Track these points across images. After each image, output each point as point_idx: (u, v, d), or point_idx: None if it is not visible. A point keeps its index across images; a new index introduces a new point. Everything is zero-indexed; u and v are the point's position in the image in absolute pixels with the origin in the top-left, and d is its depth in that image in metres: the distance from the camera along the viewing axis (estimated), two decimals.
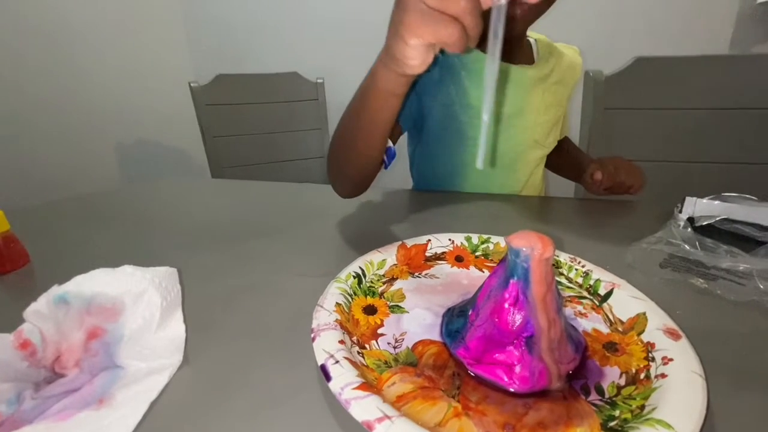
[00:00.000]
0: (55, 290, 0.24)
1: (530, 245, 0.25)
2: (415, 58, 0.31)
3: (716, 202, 0.46)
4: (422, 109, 0.65)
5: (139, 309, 0.26)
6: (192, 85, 1.25)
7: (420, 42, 0.30)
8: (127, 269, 0.26)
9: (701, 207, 0.46)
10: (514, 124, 0.64)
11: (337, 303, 0.30)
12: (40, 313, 0.23)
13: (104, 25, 1.65)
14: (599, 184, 0.58)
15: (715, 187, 0.50)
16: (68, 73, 1.58)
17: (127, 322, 0.26)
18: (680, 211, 0.47)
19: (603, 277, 0.34)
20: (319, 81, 1.40)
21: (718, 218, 0.45)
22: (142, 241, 0.49)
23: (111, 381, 0.24)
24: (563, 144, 0.79)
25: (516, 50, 0.65)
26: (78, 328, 0.25)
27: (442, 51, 0.65)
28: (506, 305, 0.25)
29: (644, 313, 0.29)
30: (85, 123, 1.65)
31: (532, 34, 0.69)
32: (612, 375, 0.25)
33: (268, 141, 1.40)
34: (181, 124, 1.63)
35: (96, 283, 0.25)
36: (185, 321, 0.29)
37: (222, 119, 1.31)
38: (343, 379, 0.22)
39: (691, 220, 0.46)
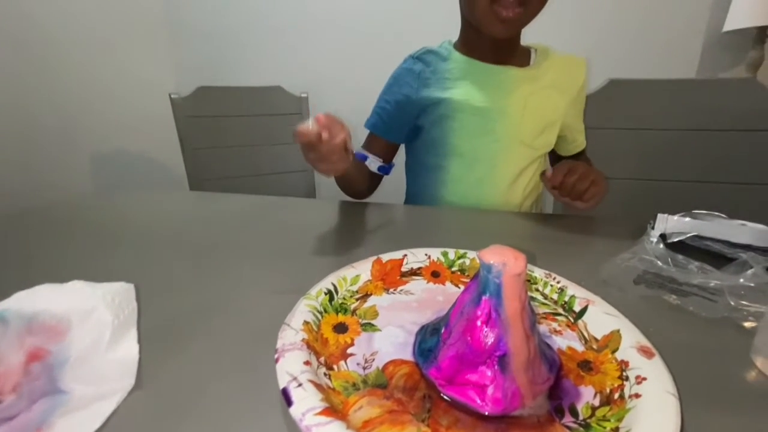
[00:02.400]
0: None
1: (502, 260, 0.24)
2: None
3: (687, 219, 0.47)
4: (414, 119, 0.71)
5: (88, 328, 0.24)
6: (172, 96, 1.23)
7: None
8: (76, 285, 0.24)
9: (672, 224, 0.47)
10: (495, 119, 0.66)
11: (305, 321, 0.28)
12: None
13: (85, 34, 1.63)
14: (548, 181, 0.58)
15: (685, 205, 0.51)
16: (46, 82, 1.54)
17: (74, 342, 0.24)
18: (653, 228, 0.48)
19: (578, 294, 0.33)
20: (303, 95, 1.40)
21: (689, 235, 0.45)
22: (106, 254, 0.47)
23: (52, 408, 0.22)
24: (576, 159, 0.78)
25: (506, 53, 0.67)
26: (17, 349, 0.22)
27: (422, 60, 0.68)
28: (478, 323, 0.25)
29: (618, 331, 0.29)
30: (61, 133, 1.60)
31: (534, 44, 0.71)
32: (587, 395, 0.25)
33: (249, 154, 1.38)
34: (162, 136, 1.60)
35: (39, 299, 0.23)
36: (140, 341, 0.27)
37: (203, 131, 1.29)
38: (306, 404, 0.21)
39: (663, 236, 0.47)
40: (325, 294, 0.33)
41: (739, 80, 1.22)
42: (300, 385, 0.22)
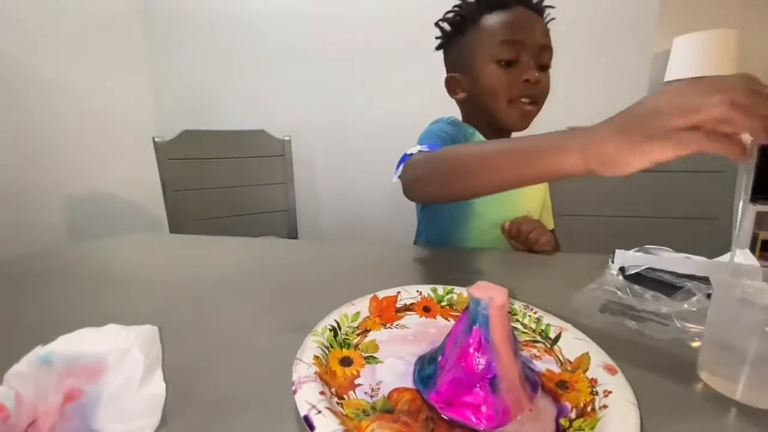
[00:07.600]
0: (39, 351, 0.24)
1: (488, 294, 0.29)
2: (638, 168, 0.31)
3: (640, 254, 0.54)
4: None
5: (123, 367, 0.26)
6: (156, 140, 1.26)
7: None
8: (113, 328, 0.27)
9: (629, 258, 0.53)
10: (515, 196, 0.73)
11: (315, 356, 0.31)
12: (21, 375, 0.23)
13: (69, 78, 1.64)
14: (506, 232, 0.70)
15: (635, 237, 0.58)
16: (20, 123, 1.53)
17: (108, 381, 0.26)
18: (613, 262, 0.54)
19: (552, 322, 0.38)
20: (286, 138, 1.46)
21: (643, 267, 0.52)
22: (115, 300, 0.48)
23: None
24: None
25: None
26: (56, 390, 0.24)
27: (454, 127, 0.71)
28: (471, 350, 0.29)
29: (587, 353, 0.33)
30: (36, 176, 1.57)
31: None
32: (564, 410, 0.29)
33: (231, 195, 1.41)
34: (142, 179, 1.60)
35: (81, 342, 0.25)
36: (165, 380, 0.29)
37: (185, 173, 1.31)
38: (326, 428, 0.24)
39: (622, 269, 0.53)
40: (330, 330, 0.36)
41: None
42: (319, 412, 0.25)
